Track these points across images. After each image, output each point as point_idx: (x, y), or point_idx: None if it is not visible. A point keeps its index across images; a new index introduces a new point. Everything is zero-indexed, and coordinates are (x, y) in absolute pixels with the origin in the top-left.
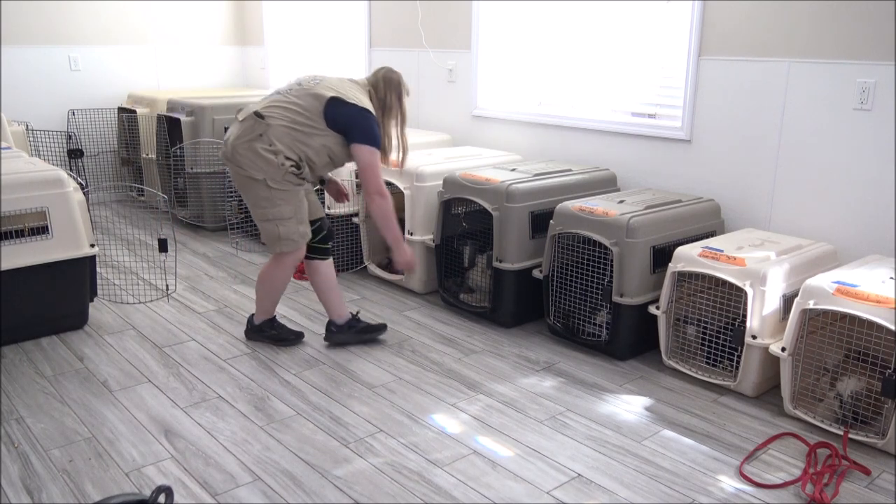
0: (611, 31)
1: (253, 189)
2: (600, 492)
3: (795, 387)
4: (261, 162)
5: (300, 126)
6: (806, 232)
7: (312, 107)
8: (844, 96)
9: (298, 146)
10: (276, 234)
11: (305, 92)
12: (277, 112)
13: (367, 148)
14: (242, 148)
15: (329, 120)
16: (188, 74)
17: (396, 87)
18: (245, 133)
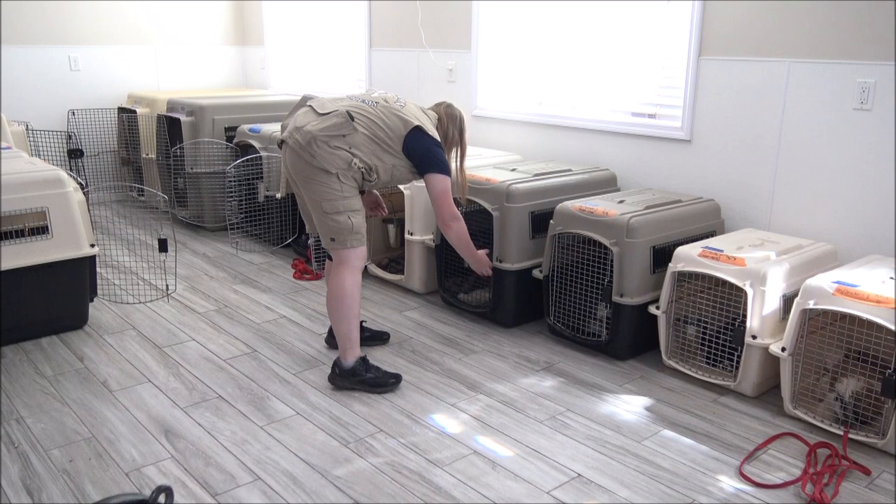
0: (611, 31)
1: (323, 181)
2: (600, 492)
3: (795, 387)
4: (337, 159)
5: (380, 141)
6: (806, 232)
7: (396, 129)
8: (844, 96)
9: (373, 158)
10: (349, 225)
11: (392, 112)
12: (364, 121)
13: (441, 177)
14: (320, 140)
15: (407, 147)
16: (188, 74)
17: (459, 122)
18: (330, 128)
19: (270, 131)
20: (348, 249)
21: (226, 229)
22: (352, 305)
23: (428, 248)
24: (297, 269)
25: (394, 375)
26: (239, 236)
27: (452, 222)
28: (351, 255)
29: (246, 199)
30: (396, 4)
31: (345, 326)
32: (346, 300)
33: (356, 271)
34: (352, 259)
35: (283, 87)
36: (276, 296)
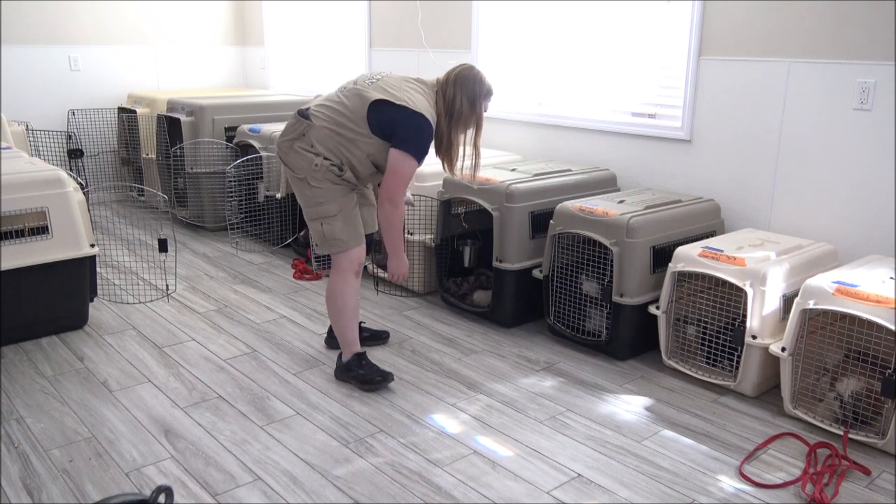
0: (611, 32)
1: (299, 189)
2: (600, 492)
3: (795, 387)
4: (300, 160)
5: (343, 130)
6: (806, 232)
7: (357, 109)
8: (844, 96)
9: (341, 151)
10: (321, 233)
11: (354, 92)
12: (323, 112)
13: (402, 154)
14: (284, 146)
15: (373, 124)
16: (188, 74)
17: (469, 89)
18: (287, 131)
19: (270, 131)
20: (336, 254)
21: (226, 229)
22: (342, 308)
23: (428, 248)
24: (297, 269)
25: (382, 373)
26: (239, 236)
27: (387, 203)
28: (338, 259)
29: (246, 199)
30: (396, 4)
31: (338, 326)
32: (335, 302)
33: (345, 274)
34: (340, 262)
35: (283, 87)
36: (276, 296)
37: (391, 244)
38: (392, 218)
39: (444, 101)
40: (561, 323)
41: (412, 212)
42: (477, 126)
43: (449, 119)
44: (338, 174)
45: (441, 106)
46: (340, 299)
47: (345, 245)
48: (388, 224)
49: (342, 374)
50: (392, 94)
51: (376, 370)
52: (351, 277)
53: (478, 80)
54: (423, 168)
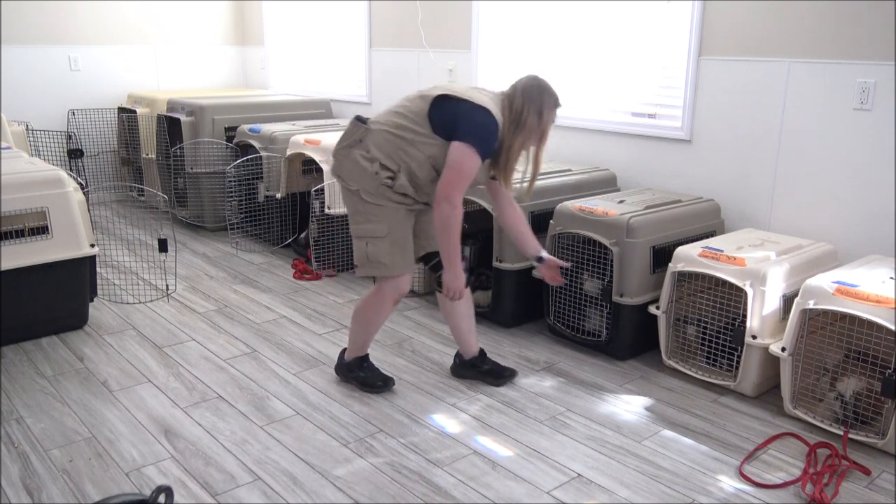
0: (611, 32)
1: (349, 201)
2: (600, 492)
3: (795, 387)
4: (356, 170)
5: (402, 132)
6: (806, 232)
7: (418, 108)
8: (844, 96)
9: (400, 155)
10: (364, 253)
11: (416, 95)
12: (383, 116)
13: (463, 146)
14: (340, 155)
15: (435, 122)
16: (188, 74)
17: (537, 101)
18: (344, 138)
19: (270, 131)
20: (380, 278)
21: (226, 229)
22: (366, 322)
23: None
24: (297, 269)
25: (383, 378)
26: (239, 236)
27: (444, 203)
28: (383, 284)
29: (246, 199)
30: (396, 4)
31: (354, 332)
32: (362, 315)
33: (384, 299)
34: (383, 288)
35: (283, 87)
36: (276, 296)
37: (447, 253)
38: (449, 220)
39: (510, 110)
40: (561, 323)
41: None
42: (540, 139)
43: (514, 129)
44: (390, 185)
45: (507, 115)
46: (370, 317)
47: (388, 270)
48: (444, 227)
49: (343, 373)
50: (457, 91)
51: (378, 374)
52: (388, 306)
53: (546, 90)
54: None
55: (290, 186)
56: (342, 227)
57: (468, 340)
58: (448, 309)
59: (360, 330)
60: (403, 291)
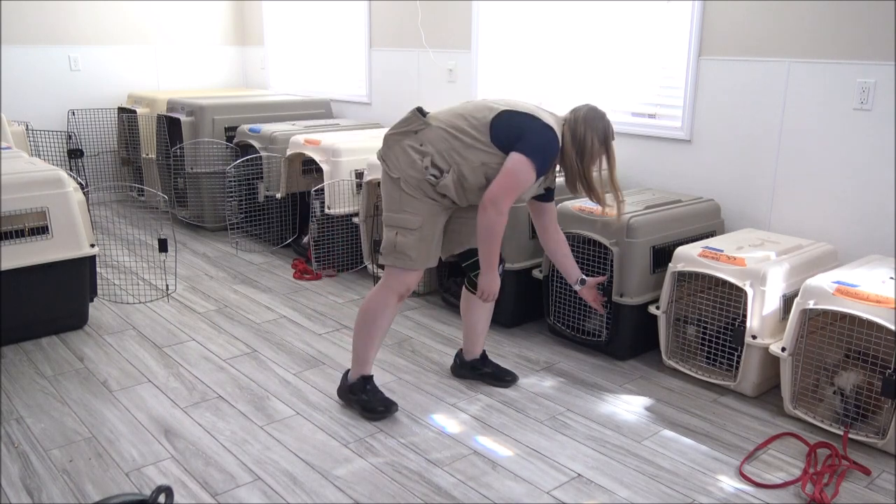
0: (611, 31)
1: (387, 187)
2: (600, 492)
3: (795, 387)
4: (403, 159)
5: (461, 134)
6: (806, 232)
7: (482, 116)
8: (844, 96)
9: (453, 156)
10: (392, 242)
11: (485, 103)
12: (444, 116)
13: (524, 158)
14: (391, 140)
15: (496, 133)
16: (188, 74)
17: (599, 129)
18: (400, 124)
19: (270, 131)
20: (390, 267)
21: (226, 229)
22: (371, 325)
23: None
24: (297, 269)
25: (385, 402)
26: (239, 236)
27: (491, 208)
28: (391, 273)
29: (246, 199)
30: (396, 4)
31: (357, 341)
32: (366, 317)
33: (389, 292)
34: (390, 279)
35: (283, 87)
36: (276, 296)
37: (487, 257)
38: (495, 226)
39: (572, 137)
40: (561, 323)
41: None
42: (610, 163)
43: (580, 157)
44: (433, 182)
45: (569, 141)
46: (372, 315)
47: (410, 263)
48: (489, 232)
49: (345, 395)
50: (526, 107)
51: (380, 398)
52: (393, 299)
53: (605, 118)
54: None
55: (290, 186)
56: (342, 227)
57: (477, 342)
58: (470, 308)
59: (363, 333)
60: (410, 287)
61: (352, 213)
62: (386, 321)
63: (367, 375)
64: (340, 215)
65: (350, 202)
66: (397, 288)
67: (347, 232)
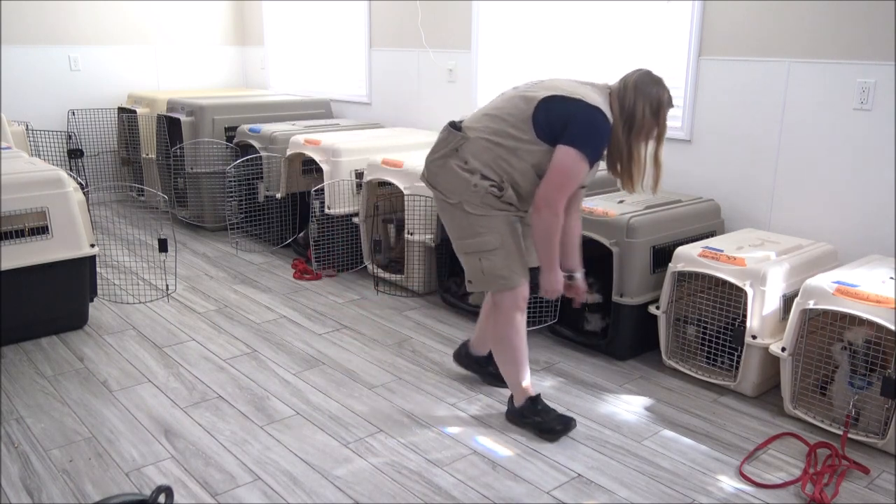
0: (611, 31)
1: (450, 215)
2: (600, 492)
3: (795, 387)
4: (455, 181)
5: (503, 139)
6: (806, 232)
7: (519, 112)
8: (844, 96)
9: (501, 165)
10: (478, 269)
11: (515, 95)
12: (480, 123)
13: (571, 150)
14: (436, 166)
15: (540, 126)
16: (188, 74)
17: (652, 94)
18: (438, 148)
19: (270, 131)
20: (496, 294)
21: (226, 229)
22: (511, 353)
23: (428, 248)
24: (297, 269)
25: (563, 421)
26: (239, 236)
27: (545, 208)
28: (501, 297)
29: (246, 199)
30: (396, 4)
31: (506, 371)
32: (502, 347)
33: (510, 314)
34: (503, 302)
35: (283, 87)
36: (276, 296)
37: (545, 257)
38: (551, 227)
39: (621, 107)
40: (561, 323)
41: (412, 212)
42: (659, 136)
43: (628, 129)
44: (497, 195)
45: (617, 113)
46: (507, 341)
47: (507, 283)
48: (545, 234)
49: (517, 420)
50: (564, 89)
51: (555, 417)
52: (517, 318)
53: (661, 84)
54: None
55: (290, 186)
56: (342, 227)
57: (487, 340)
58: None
59: (508, 359)
60: (525, 297)
61: (352, 213)
62: (521, 339)
63: (532, 397)
64: (340, 215)
65: (350, 202)
66: (513, 306)
67: (347, 232)
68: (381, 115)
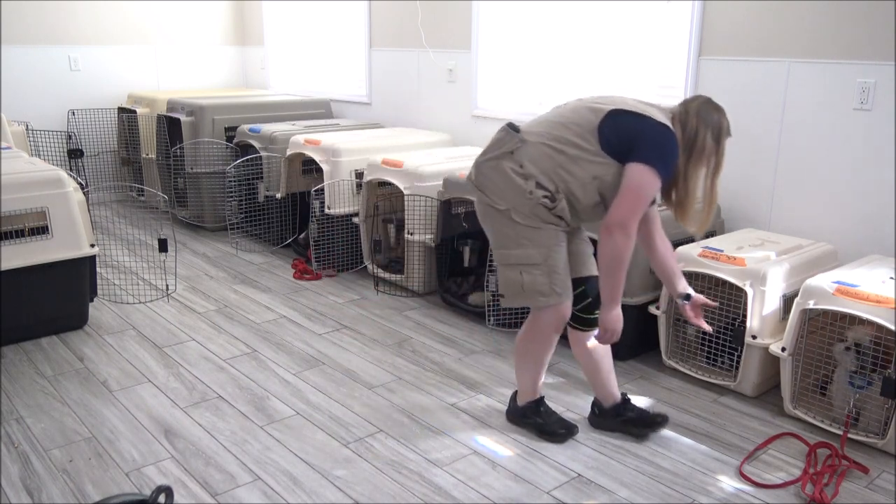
0: (611, 31)
1: (494, 222)
2: (600, 492)
3: (795, 387)
4: (506, 186)
5: (565, 146)
6: (806, 232)
7: (586, 122)
8: (844, 96)
9: (560, 174)
10: (518, 283)
11: (581, 105)
12: (540, 127)
13: (646, 168)
14: (486, 167)
15: (605, 138)
16: (188, 74)
17: (714, 121)
18: (492, 147)
19: (270, 131)
20: (537, 314)
21: (226, 229)
22: (532, 363)
23: (428, 248)
24: (297, 269)
25: (565, 425)
26: (239, 236)
27: (617, 230)
28: (538, 314)
29: (246, 199)
30: (396, 4)
31: (522, 375)
32: (525, 358)
33: (545, 332)
34: (540, 319)
35: (283, 87)
36: (276, 296)
37: (609, 288)
38: (623, 252)
39: (682, 132)
40: None
41: (412, 212)
42: (716, 166)
43: (688, 154)
44: (550, 206)
45: (679, 137)
46: (535, 358)
47: (546, 301)
48: (616, 259)
49: (516, 419)
50: (632, 105)
51: (557, 421)
52: (553, 338)
53: (722, 112)
54: (423, 168)
55: (290, 186)
56: (342, 227)
57: (609, 383)
58: (586, 348)
59: (528, 370)
60: (565, 318)
61: (352, 213)
62: (549, 353)
63: (538, 399)
64: (340, 215)
65: (350, 202)
66: (552, 325)
67: (347, 232)
68: (381, 115)
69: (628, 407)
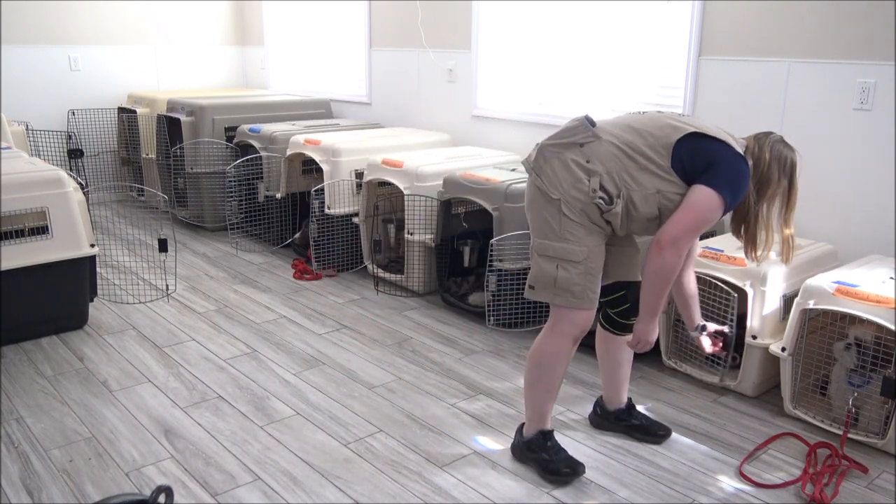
0: (611, 31)
1: (542, 210)
2: (600, 492)
3: (795, 387)
4: (566, 176)
5: (636, 154)
6: (806, 232)
7: (663, 136)
8: (844, 96)
9: (624, 178)
10: (551, 277)
11: (663, 117)
12: (614, 129)
13: (714, 194)
14: (550, 152)
15: (679, 156)
16: (188, 74)
17: (785, 159)
18: (563, 134)
19: (270, 131)
20: (558, 307)
21: (226, 229)
22: (545, 375)
23: (428, 248)
24: (297, 269)
25: (571, 464)
26: (239, 236)
27: (669, 248)
28: (561, 315)
29: (246, 199)
30: (396, 4)
31: (532, 394)
32: (539, 364)
33: (564, 336)
34: (561, 321)
35: (283, 87)
36: (276, 296)
37: (650, 303)
38: (671, 269)
39: (754, 168)
40: None
41: (412, 212)
42: (789, 203)
43: (759, 189)
44: (603, 209)
45: (750, 170)
46: (547, 364)
47: (574, 302)
48: (662, 276)
49: (521, 454)
50: (712, 130)
51: (564, 458)
52: (568, 345)
53: (793, 149)
54: (423, 168)
55: (290, 186)
56: (342, 227)
57: (621, 388)
58: (610, 350)
59: (537, 383)
60: (585, 328)
61: (352, 213)
62: (562, 368)
63: (546, 431)
64: (340, 215)
65: (350, 202)
66: (571, 331)
67: (347, 232)
68: (381, 115)
69: (633, 414)
